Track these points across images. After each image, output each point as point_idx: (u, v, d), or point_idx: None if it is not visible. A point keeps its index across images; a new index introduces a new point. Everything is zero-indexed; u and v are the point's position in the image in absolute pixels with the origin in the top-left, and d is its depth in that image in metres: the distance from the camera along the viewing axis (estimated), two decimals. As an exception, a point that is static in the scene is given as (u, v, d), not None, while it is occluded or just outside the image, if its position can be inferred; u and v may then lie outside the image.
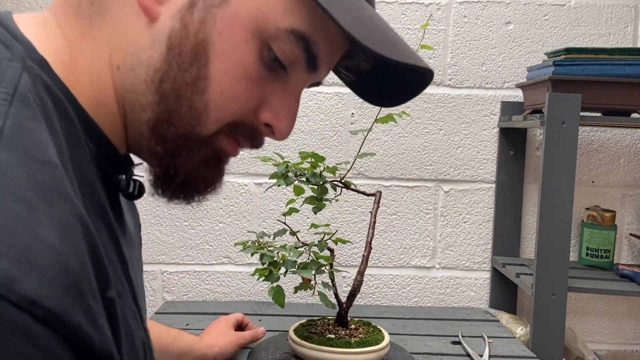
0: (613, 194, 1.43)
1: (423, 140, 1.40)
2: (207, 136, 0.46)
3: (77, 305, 0.31)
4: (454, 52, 1.39)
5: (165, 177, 0.47)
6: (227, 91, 0.45)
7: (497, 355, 1.08)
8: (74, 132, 0.41)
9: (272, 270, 0.90)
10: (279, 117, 0.49)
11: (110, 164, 0.46)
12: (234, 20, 0.43)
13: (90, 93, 0.44)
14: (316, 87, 1.37)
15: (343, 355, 0.90)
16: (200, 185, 0.49)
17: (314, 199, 0.98)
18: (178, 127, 0.45)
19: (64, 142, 0.38)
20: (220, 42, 0.43)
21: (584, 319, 1.45)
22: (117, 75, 0.44)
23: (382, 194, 1.02)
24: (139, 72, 0.44)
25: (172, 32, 0.43)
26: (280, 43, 0.44)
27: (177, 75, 0.43)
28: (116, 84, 0.45)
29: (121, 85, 0.45)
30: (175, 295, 1.41)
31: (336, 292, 1.02)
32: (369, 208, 1.06)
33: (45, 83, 0.39)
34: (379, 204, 1.01)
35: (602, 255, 1.31)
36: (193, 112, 0.44)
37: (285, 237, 1.01)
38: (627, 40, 1.40)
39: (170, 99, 0.44)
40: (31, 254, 0.30)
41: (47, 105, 0.38)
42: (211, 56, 0.43)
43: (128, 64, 0.44)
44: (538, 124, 1.15)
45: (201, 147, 0.46)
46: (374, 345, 0.93)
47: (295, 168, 0.97)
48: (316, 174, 0.97)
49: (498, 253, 1.40)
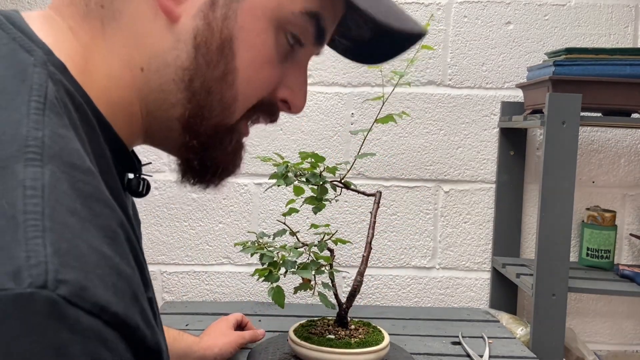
0: (613, 194, 1.42)
1: (423, 140, 1.40)
2: (236, 123, 0.49)
3: (134, 307, 0.34)
4: (454, 52, 1.39)
5: (201, 168, 0.50)
6: (253, 79, 0.47)
7: (497, 355, 1.08)
8: (94, 137, 0.41)
9: (271, 271, 0.89)
10: (294, 92, 0.52)
11: (121, 165, 0.47)
12: (253, 13, 0.45)
13: (106, 96, 0.44)
14: (316, 87, 1.37)
15: (343, 356, 0.90)
16: (231, 170, 0.52)
17: (314, 199, 0.98)
18: (211, 120, 0.47)
19: (89, 147, 0.39)
20: (243, 35, 0.45)
21: (584, 319, 1.45)
22: (139, 77, 0.45)
23: (382, 194, 1.02)
24: (166, 72, 0.45)
25: (197, 31, 0.44)
26: (296, 25, 0.47)
27: (206, 72, 0.45)
28: (139, 85, 0.45)
29: (146, 86, 0.45)
30: (175, 295, 1.41)
31: (336, 292, 1.02)
32: (369, 208, 1.06)
33: (66, 89, 0.39)
34: (379, 204, 1.01)
35: (602, 256, 1.31)
36: (224, 104, 0.47)
37: (285, 238, 1.01)
38: (627, 40, 1.40)
39: (201, 96, 0.45)
40: (91, 263, 0.32)
41: (70, 111, 0.39)
42: (236, 49, 0.45)
43: (152, 66, 0.45)
44: (538, 124, 1.15)
45: (232, 135, 0.49)
46: (374, 346, 0.93)
47: (295, 168, 0.97)
48: (316, 174, 0.96)
49: (498, 253, 1.40)
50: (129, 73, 0.45)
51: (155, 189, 1.38)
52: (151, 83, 0.45)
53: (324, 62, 1.37)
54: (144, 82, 0.45)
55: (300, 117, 1.38)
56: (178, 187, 1.38)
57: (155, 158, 1.38)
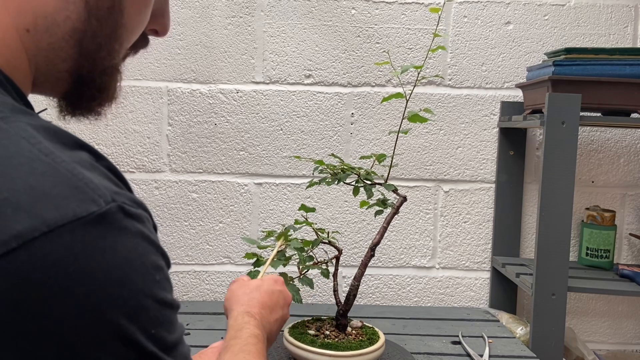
0: (613, 194, 1.43)
1: (423, 140, 1.40)
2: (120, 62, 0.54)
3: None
4: (454, 52, 1.39)
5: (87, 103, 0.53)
6: (136, 26, 0.53)
7: (497, 355, 1.09)
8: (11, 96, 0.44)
9: (259, 259, 0.96)
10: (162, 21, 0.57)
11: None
12: None
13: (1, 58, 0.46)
14: (316, 87, 1.38)
15: (336, 358, 0.90)
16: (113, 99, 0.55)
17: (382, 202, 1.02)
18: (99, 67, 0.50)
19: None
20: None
21: (584, 319, 1.45)
22: (27, 38, 0.46)
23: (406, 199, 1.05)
24: (55, 32, 0.47)
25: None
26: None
27: (96, 29, 0.48)
28: (27, 45, 0.47)
29: (34, 46, 0.47)
30: (175, 295, 1.41)
31: (336, 292, 1.02)
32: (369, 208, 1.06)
33: None
34: (397, 210, 1.01)
35: (602, 255, 1.31)
36: (113, 53, 0.51)
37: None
38: (627, 40, 1.40)
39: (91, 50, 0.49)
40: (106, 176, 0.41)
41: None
42: (124, 6, 0.50)
43: (40, 27, 0.46)
44: (538, 124, 1.15)
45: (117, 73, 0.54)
46: (369, 347, 0.93)
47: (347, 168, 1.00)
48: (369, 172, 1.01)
49: (498, 253, 1.40)
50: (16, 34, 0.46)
51: (155, 188, 1.38)
52: (40, 43, 0.47)
53: (324, 62, 1.38)
54: (31, 42, 0.46)
55: (300, 117, 1.38)
56: (178, 187, 1.38)
57: (155, 158, 1.38)
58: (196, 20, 1.36)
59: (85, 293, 0.35)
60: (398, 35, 1.38)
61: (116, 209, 0.37)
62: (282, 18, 1.37)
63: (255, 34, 1.37)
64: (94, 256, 0.36)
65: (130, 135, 1.37)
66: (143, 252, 0.40)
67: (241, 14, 1.37)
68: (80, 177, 0.37)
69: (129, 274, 0.38)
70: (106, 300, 0.36)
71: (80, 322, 0.35)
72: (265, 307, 0.79)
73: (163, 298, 0.42)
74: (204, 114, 1.37)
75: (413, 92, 1.33)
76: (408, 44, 1.39)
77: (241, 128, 1.38)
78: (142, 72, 1.37)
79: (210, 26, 1.37)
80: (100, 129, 1.37)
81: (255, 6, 1.37)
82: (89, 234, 0.36)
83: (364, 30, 1.38)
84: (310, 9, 1.37)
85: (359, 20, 1.38)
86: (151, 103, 1.37)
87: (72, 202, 0.36)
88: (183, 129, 1.38)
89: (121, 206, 0.38)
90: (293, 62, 1.38)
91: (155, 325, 0.40)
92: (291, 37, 1.37)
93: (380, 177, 1.02)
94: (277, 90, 1.38)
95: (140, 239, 0.40)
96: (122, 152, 1.37)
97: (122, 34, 0.50)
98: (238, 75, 1.37)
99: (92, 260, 0.35)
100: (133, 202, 0.40)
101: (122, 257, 0.37)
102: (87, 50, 0.48)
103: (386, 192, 1.06)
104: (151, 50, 1.37)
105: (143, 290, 0.39)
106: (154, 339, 0.39)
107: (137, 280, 0.38)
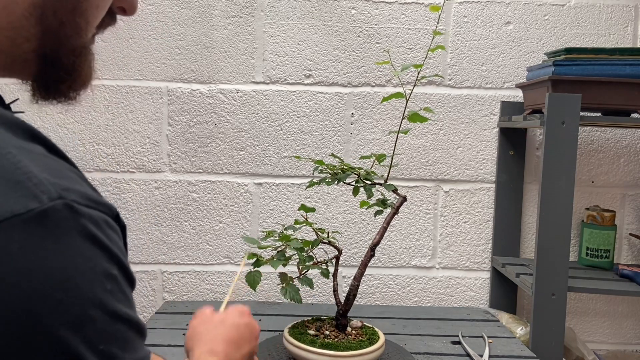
0: (613, 194, 1.43)
1: (423, 140, 1.40)
2: (89, 40, 0.52)
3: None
4: (454, 52, 1.39)
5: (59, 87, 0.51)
6: (102, 2, 0.51)
7: (497, 355, 1.09)
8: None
9: (258, 259, 0.96)
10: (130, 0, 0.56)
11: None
12: None
13: None
14: (316, 87, 1.38)
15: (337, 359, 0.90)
16: (88, 81, 0.53)
17: (382, 202, 1.01)
18: (66, 46, 0.49)
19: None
20: None
21: (584, 319, 1.45)
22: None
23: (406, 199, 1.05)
24: (14, 9, 0.45)
25: None
26: None
27: (56, 5, 0.46)
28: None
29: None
30: (175, 295, 1.41)
31: (336, 292, 1.02)
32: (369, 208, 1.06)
33: None
34: (397, 210, 1.01)
35: (602, 255, 1.31)
36: (79, 31, 0.49)
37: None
38: (627, 40, 1.40)
39: (54, 27, 0.47)
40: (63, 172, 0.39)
41: None
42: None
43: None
44: (538, 124, 1.15)
45: (87, 53, 0.52)
46: (369, 347, 0.93)
47: (347, 168, 1.00)
48: (369, 172, 1.00)
49: (498, 253, 1.40)
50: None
51: (155, 188, 1.38)
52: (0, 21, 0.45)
53: (324, 62, 1.38)
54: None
55: (300, 117, 1.38)
56: (178, 187, 1.38)
57: (155, 158, 1.38)
58: (196, 20, 1.36)
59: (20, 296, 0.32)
60: (398, 35, 1.38)
61: (62, 207, 0.35)
62: (282, 18, 1.37)
63: (255, 34, 1.37)
64: (32, 256, 0.33)
65: (130, 135, 1.37)
66: (92, 256, 0.36)
67: (241, 14, 1.37)
68: (24, 170, 0.34)
69: (72, 278, 0.34)
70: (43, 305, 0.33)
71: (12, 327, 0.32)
72: (231, 343, 0.71)
73: (116, 310, 0.37)
74: (204, 114, 1.37)
75: (413, 92, 1.33)
76: (408, 44, 1.39)
77: (241, 128, 1.38)
78: (142, 72, 1.37)
79: (210, 26, 1.37)
80: (100, 129, 1.37)
81: (255, 6, 1.37)
82: (27, 232, 0.33)
83: (364, 30, 1.38)
84: (310, 9, 1.37)
85: (359, 20, 1.38)
86: (151, 103, 1.37)
87: (10, 197, 0.33)
88: (183, 129, 1.38)
89: (69, 204, 0.35)
90: (293, 62, 1.38)
91: (104, 340, 0.36)
92: (291, 37, 1.37)
93: (380, 177, 1.02)
94: (277, 90, 1.38)
95: (90, 243, 0.36)
96: (122, 152, 1.37)
97: (86, 9, 0.49)
98: (238, 75, 1.37)
99: (29, 261, 0.33)
100: (89, 201, 0.37)
101: (65, 259, 0.34)
102: (49, 28, 0.47)
103: (386, 192, 1.06)
104: (151, 50, 1.37)
105: (90, 298, 0.35)
106: (102, 356, 0.35)
107: (82, 286, 0.35)
